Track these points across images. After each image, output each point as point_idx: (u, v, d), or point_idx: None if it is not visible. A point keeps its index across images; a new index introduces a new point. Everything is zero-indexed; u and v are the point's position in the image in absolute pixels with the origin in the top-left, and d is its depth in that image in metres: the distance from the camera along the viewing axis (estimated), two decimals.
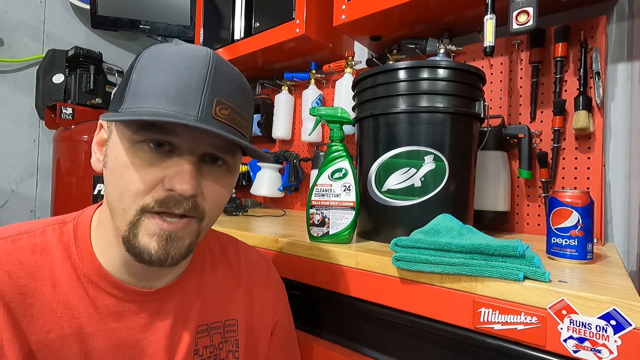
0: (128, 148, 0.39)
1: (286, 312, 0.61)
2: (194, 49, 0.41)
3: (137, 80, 0.39)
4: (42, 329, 0.38)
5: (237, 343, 0.52)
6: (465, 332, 0.50)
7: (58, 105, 1.54)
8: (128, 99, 0.39)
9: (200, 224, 0.42)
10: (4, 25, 1.71)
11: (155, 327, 0.44)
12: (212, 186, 0.42)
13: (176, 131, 0.39)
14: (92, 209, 0.47)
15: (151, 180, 0.39)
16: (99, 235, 0.44)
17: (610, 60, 0.89)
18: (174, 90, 0.38)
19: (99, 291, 0.42)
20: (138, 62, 0.40)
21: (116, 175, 0.39)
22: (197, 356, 0.47)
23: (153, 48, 0.41)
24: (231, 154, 0.44)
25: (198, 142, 0.40)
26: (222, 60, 0.42)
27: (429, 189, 0.67)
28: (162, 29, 1.81)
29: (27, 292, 0.38)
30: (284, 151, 1.40)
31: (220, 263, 0.54)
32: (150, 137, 0.39)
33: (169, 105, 0.37)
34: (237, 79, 0.43)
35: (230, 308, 0.53)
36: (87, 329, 0.40)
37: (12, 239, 0.41)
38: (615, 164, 0.87)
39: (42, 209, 1.83)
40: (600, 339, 0.40)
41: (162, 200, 0.39)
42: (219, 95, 0.40)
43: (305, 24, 1.14)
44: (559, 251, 0.57)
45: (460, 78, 0.68)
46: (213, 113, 0.39)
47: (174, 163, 0.39)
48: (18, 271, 0.39)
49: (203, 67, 0.39)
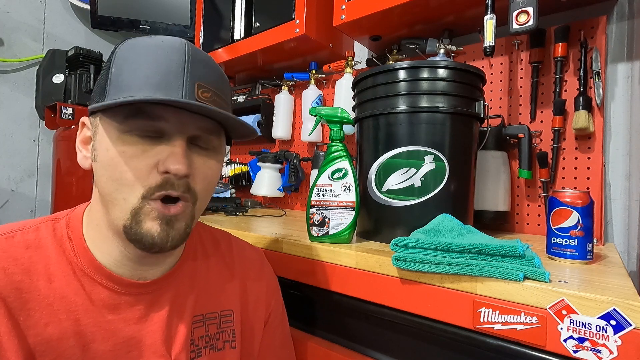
0: (117, 138, 0.40)
1: (279, 304, 0.62)
2: (169, 39, 0.42)
3: (117, 73, 0.40)
4: (39, 323, 0.39)
5: (234, 333, 0.53)
6: (465, 332, 0.50)
7: (58, 105, 1.54)
8: (111, 92, 0.40)
9: (193, 207, 0.44)
10: (4, 25, 1.71)
11: (152, 318, 0.45)
12: (201, 168, 0.44)
13: (163, 117, 0.40)
14: (83, 207, 0.47)
15: (146, 167, 0.40)
16: (91, 231, 0.44)
17: (610, 60, 0.89)
18: (156, 78, 0.39)
19: (95, 284, 0.42)
20: (115, 56, 0.41)
21: (109, 167, 0.40)
22: (194, 346, 0.48)
23: (129, 41, 0.42)
24: (216, 136, 0.45)
25: (185, 125, 0.41)
26: (196, 48, 0.43)
27: (429, 189, 0.67)
28: (162, 29, 1.81)
29: (23, 287, 0.39)
30: (284, 151, 1.40)
31: (213, 255, 0.55)
32: (137, 125, 0.40)
33: (152, 92, 0.38)
34: (213, 65, 0.45)
35: (225, 299, 0.53)
36: (84, 322, 0.41)
37: (6, 237, 0.41)
38: (615, 164, 0.87)
39: (42, 209, 1.83)
40: (600, 339, 0.40)
41: (160, 185, 0.40)
42: (199, 79, 0.41)
43: (305, 24, 1.14)
44: (559, 251, 0.57)
45: (460, 78, 0.68)
46: (196, 96, 0.40)
47: (165, 147, 0.40)
48: (13, 267, 0.39)
49: (181, 54, 0.41)
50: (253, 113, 1.48)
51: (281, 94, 1.44)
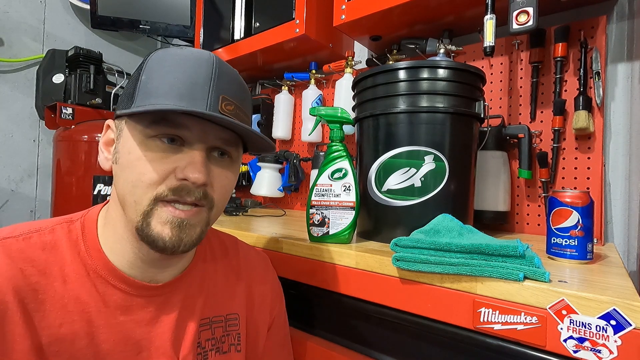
0: (141, 141, 0.41)
1: (282, 308, 0.63)
2: (198, 52, 0.44)
3: (146, 81, 0.42)
4: (53, 324, 0.40)
5: (239, 336, 0.53)
6: (465, 332, 0.50)
7: (58, 105, 1.54)
8: (139, 97, 0.41)
9: (209, 213, 0.45)
10: (4, 25, 1.71)
11: (162, 320, 0.46)
12: (219, 177, 0.45)
13: (186, 125, 0.41)
14: (98, 208, 0.48)
15: (164, 171, 0.41)
16: (106, 232, 0.45)
17: (610, 60, 0.89)
18: (183, 88, 0.41)
19: (108, 286, 0.43)
20: (146, 65, 0.43)
21: (129, 168, 0.41)
22: (200, 348, 0.49)
23: (159, 52, 0.44)
24: (235, 147, 0.47)
25: (207, 135, 0.43)
26: (223, 62, 0.45)
27: (429, 189, 0.67)
28: (162, 29, 1.81)
29: (39, 288, 0.40)
30: (284, 151, 1.40)
31: (220, 259, 0.56)
32: (161, 131, 0.41)
33: (178, 101, 0.40)
34: (237, 79, 0.46)
35: (232, 303, 0.54)
36: (96, 322, 0.42)
37: (23, 237, 0.42)
38: (615, 164, 0.87)
39: (42, 209, 1.83)
40: (600, 339, 0.40)
41: (175, 189, 0.41)
42: (224, 93, 0.43)
43: (305, 24, 1.14)
44: (559, 251, 0.57)
45: (460, 78, 0.68)
46: (220, 108, 0.42)
47: (186, 155, 0.42)
48: (30, 268, 0.40)
49: (208, 67, 0.42)
50: (253, 113, 1.48)
51: (281, 94, 1.44)
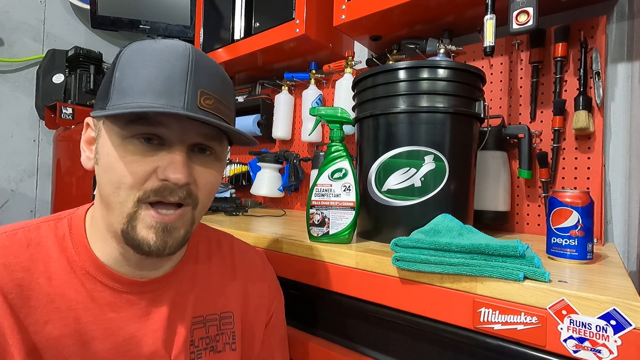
0: (119, 144, 0.40)
1: (280, 307, 0.62)
2: (174, 44, 0.42)
3: (120, 78, 0.40)
4: (40, 321, 0.39)
5: (234, 335, 0.53)
6: (465, 332, 0.50)
7: (58, 105, 1.54)
8: (114, 96, 0.40)
9: (194, 212, 0.44)
10: (4, 25, 1.71)
11: (152, 317, 0.45)
12: (203, 174, 0.44)
13: (164, 123, 0.40)
14: (86, 207, 0.48)
15: (144, 172, 0.40)
16: (93, 231, 0.45)
17: (610, 60, 0.89)
18: (159, 84, 0.39)
19: (96, 283, 0.43)
20: (120, 60, 0.41)
21: (109, 170, 0.40)
22: (193, 347, 0.48)
23: (133, 45, 0.42)
24: (218, 142, 0.45)
25: (186, 132, 0.41)
26: (200, 53, 0.43)
27: (429, 189, 0.67)
28: (162, 29, 1.81)
29: (24, 284, 0.39)
30: (284, 151, 1.40)
31: (214, 256, 0.56)
32: (139, 131, 0.40)
33: (154, 98, 0.39)
34: (217, 70, 0.44)
35: (226, 300, 0.53)
36: (84, 320, 0.41)
37: (7, 235, 0.42)
38: (615, 164, 0.87)
39: (42, 209, 1.83)
40: (600, 339, 0.40)
41: (157, 190, 0.40)
42: (202, 86, 0.41)
43: (305, 24, 1.14)
44: (559, 251, 0.56)
45: (460, 78, 0.68)
46: (198, 103, 0.40)
47: (165, 154, 0.40)
48: (14, 264, 0.40)
49: (184, 60, 0.40)
50: (253, 113, 1.48)
51: (281, 94, 1.44)
